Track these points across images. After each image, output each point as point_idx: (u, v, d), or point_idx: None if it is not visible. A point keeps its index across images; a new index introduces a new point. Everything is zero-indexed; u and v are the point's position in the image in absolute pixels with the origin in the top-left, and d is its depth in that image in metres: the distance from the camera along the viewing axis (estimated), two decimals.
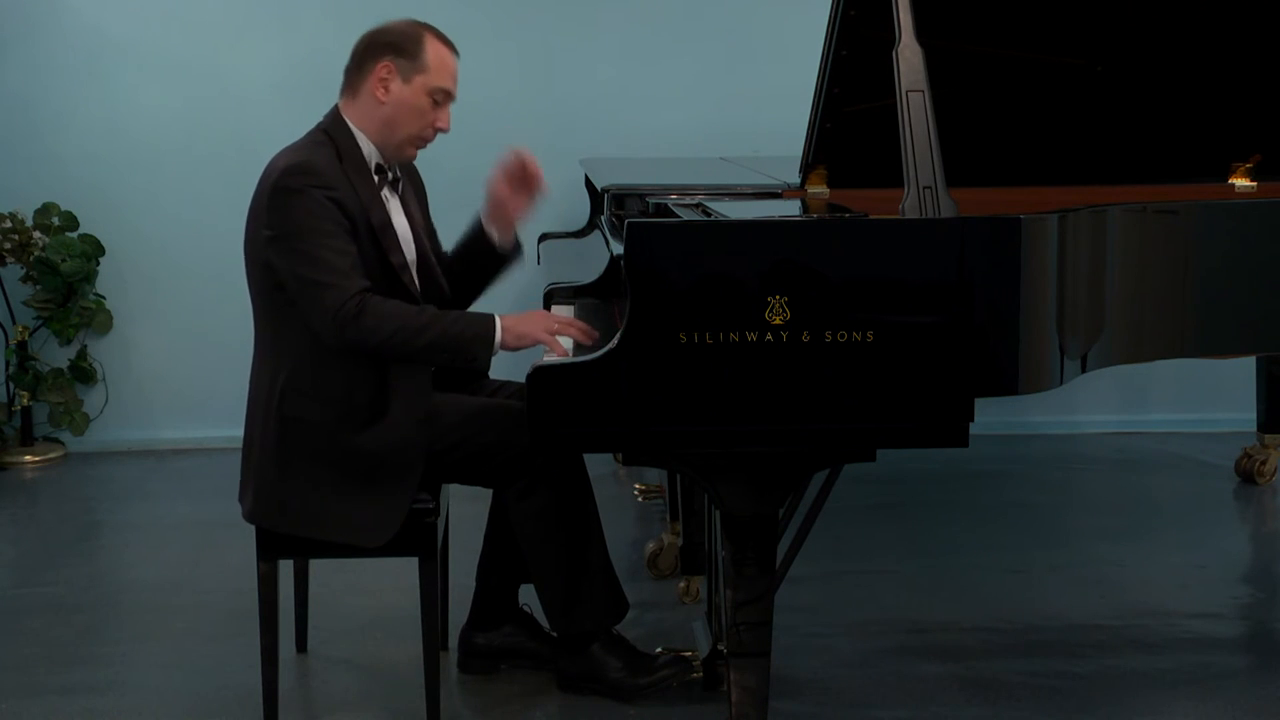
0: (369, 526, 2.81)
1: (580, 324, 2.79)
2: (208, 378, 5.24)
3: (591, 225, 4.35)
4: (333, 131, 2.88)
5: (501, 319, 2.75)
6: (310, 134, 2.90)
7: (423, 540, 2.85)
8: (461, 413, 2.92)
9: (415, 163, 3.05)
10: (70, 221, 5.13)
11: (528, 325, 2.76)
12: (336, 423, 2.80)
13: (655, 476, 4.13)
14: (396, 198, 2.96)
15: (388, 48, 2.86)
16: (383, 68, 2.85)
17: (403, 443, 2.81)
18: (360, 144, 2.88)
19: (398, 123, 2.87)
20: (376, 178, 2.89)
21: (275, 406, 2.81)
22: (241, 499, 2.92)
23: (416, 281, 2.91)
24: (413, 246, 2.96)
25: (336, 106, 2.92)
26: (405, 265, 2.88)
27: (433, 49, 2.87)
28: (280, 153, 2.85)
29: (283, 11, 5.20)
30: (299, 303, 2.75)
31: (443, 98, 2.90)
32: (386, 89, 2.85)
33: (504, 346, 2.75)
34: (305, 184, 2.74)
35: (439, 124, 2.91)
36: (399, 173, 2.97)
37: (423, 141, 2.93)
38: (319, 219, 2.73)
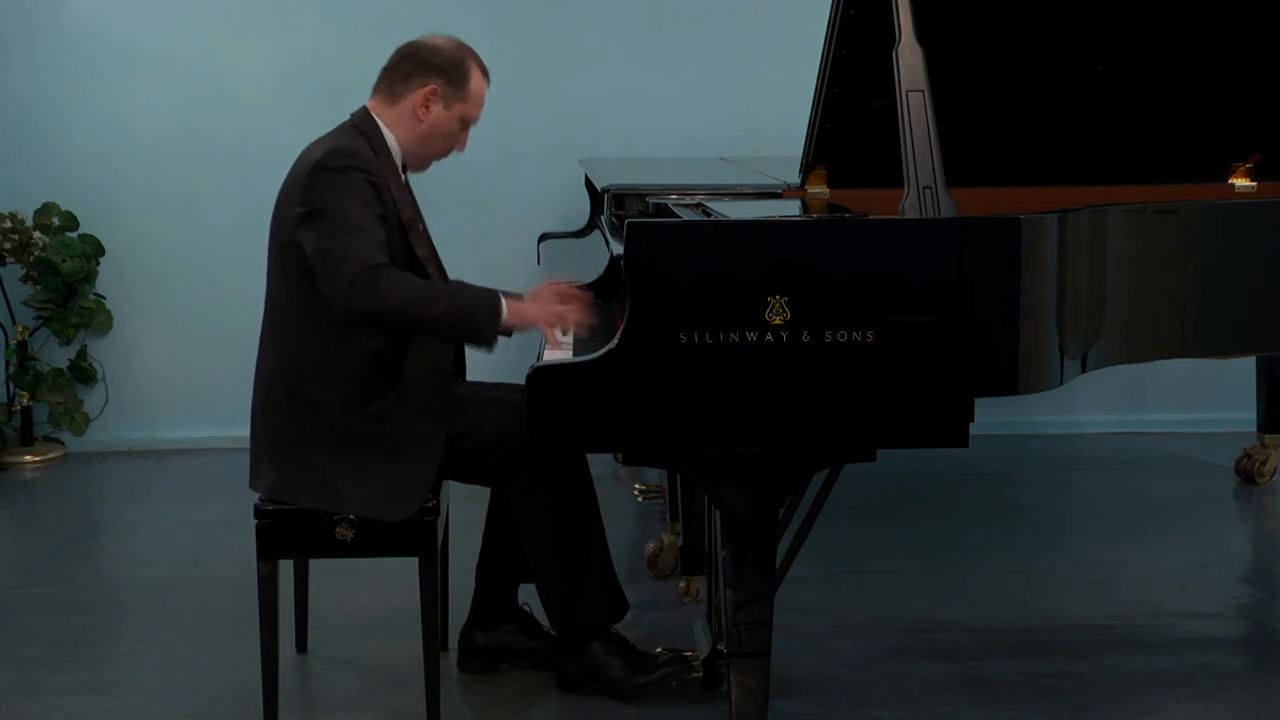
0: (392, 499, 2.82)
1: (580, 313, 2.81)
2: (208, 378, 5.24)
3: (591, 225, 4.35)
4: (364, 128, 2.93)
5: (506, 299, 2.77)
6: (341, 127, 2.95)
7: (423, 540, 2.85)
8: (472, 400, 2.95)
9: None
10: (70, 221, 5.13)
11: (530, 308, 2.79)
12: (359, 398, 2.82)
13: (655, 476, 4.13)
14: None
15: (438, 71, 2.92)
16: (430, 90, 2.92)
17: (425, 416, 2.84)
18: (390, 144, 2.94)
19: (429, 141, 2.97)
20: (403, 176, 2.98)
21: (295, 385, 2.83)
22: (254, 481, 2.91)
23: (437, 278, 2.95)
24: (427, 245, 3.00)
25: (366, 107, 2.97)
26: (431, 258, 2.95)
27: (475, 80, 2.96)
28: (315, 142, 2.91)
29: (282, 12, 5.19)
30: (318, 272, 2.76)
31: (469, 123, 3.00)
32: (428, 109, 2.93)
33: (505, 324, 2.76)
34: (346, 165, 2.80)
35: (459, 147, 3.02)
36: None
37: (441, 158, 3.04)
38: (355, 197, 2.78)
